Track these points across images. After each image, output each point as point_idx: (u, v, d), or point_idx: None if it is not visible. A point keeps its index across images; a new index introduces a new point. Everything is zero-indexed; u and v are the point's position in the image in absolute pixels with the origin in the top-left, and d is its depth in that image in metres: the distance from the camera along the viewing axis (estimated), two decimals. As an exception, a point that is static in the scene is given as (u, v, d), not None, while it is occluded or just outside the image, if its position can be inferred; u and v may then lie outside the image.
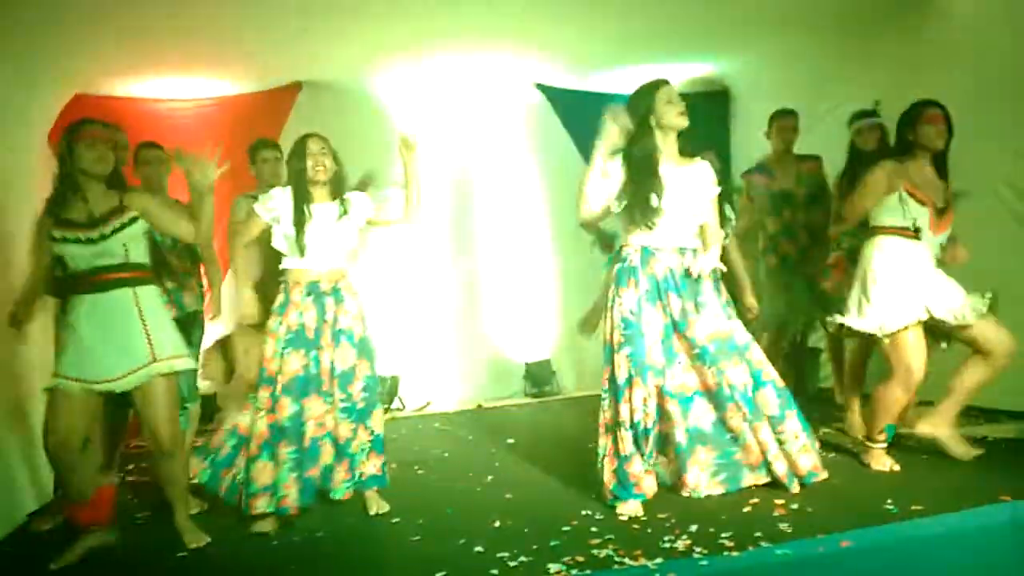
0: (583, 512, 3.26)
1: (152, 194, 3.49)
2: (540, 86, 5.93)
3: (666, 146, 3.38)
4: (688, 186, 3.38)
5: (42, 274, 3.26)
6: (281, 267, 3.42)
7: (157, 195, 3.65)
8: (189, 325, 3.83)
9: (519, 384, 6.07)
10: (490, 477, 3.91)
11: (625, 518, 3.18)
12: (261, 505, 3.26)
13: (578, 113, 5.67)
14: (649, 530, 3.04)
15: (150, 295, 3.17)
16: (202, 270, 4.12)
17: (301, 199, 3.37)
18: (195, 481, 3.40)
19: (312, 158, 3.39)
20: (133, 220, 3.13)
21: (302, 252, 3.35)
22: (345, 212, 3.41)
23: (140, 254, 3.17)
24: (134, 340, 3.09)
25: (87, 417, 3.08)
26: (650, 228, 3.32)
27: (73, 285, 3.11)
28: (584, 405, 5.46)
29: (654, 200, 3.29)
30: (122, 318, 3.09)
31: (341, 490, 3.38)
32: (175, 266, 3.87)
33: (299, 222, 3.34)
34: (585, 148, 5.81)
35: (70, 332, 3.08)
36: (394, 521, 3.36)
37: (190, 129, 5.27)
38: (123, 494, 3.97)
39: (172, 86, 5.27)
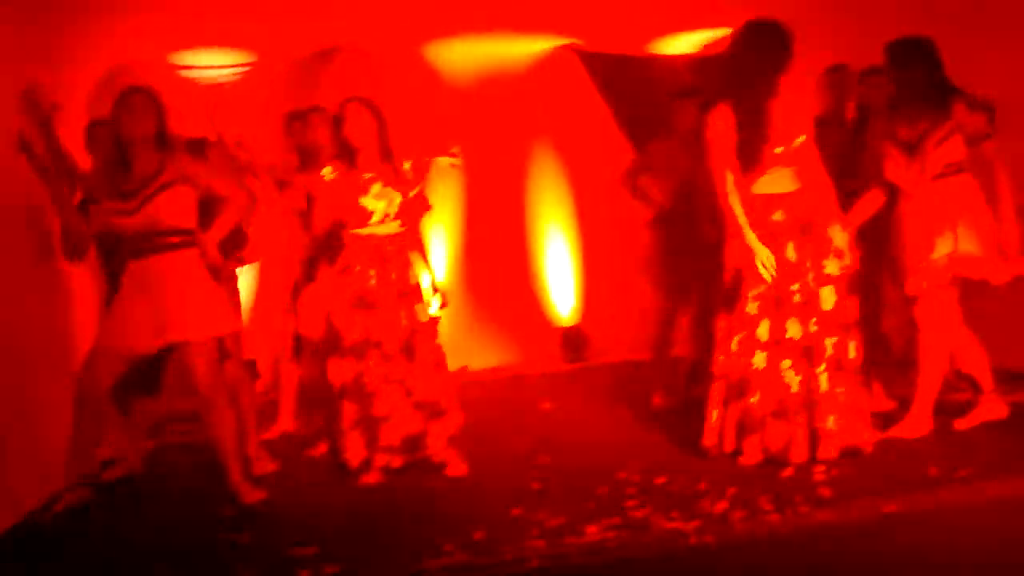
0: (619, 476, 3.27)
1: (199, 157, 3.53)
2: (577, 51, 5.84)
3: None
4: None
5: (75, 226, 3.36)
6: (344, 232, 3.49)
7: (208, 159, 3.68)
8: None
9: (554, 350, 6.06)
10: (526, 441, 3.93)
11: (661, 480, 3.19)
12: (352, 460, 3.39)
13: (616, 79, 5.58)
14: (686, 493, 3.04)
15: (191, 259, 3.22)
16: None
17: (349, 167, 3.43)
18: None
19: (349, 123, 3.40)
20: (170, 184, 3.16)
21: (362, 218, 3.40)
22: (396, 177, 3.44)
23: (181, 218, 3.21)
24: (168, 306, 3.14)
25: (111, 375, 3.20)
26: None
27: (118, 250, 3.22)
28: (619, 372, 5.47)
29: None
30: (161, 284, 3.16)
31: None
32: None
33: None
34: (623, 115, 5.79)
35: (114, 295, 3.19)
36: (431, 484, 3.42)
37: (227, 98, 5.28)
38: (175, 454, 4.09)
39: (208, 56, 5.29)
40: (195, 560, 2.82)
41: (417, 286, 3.51)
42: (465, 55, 5.81)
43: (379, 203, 3.43)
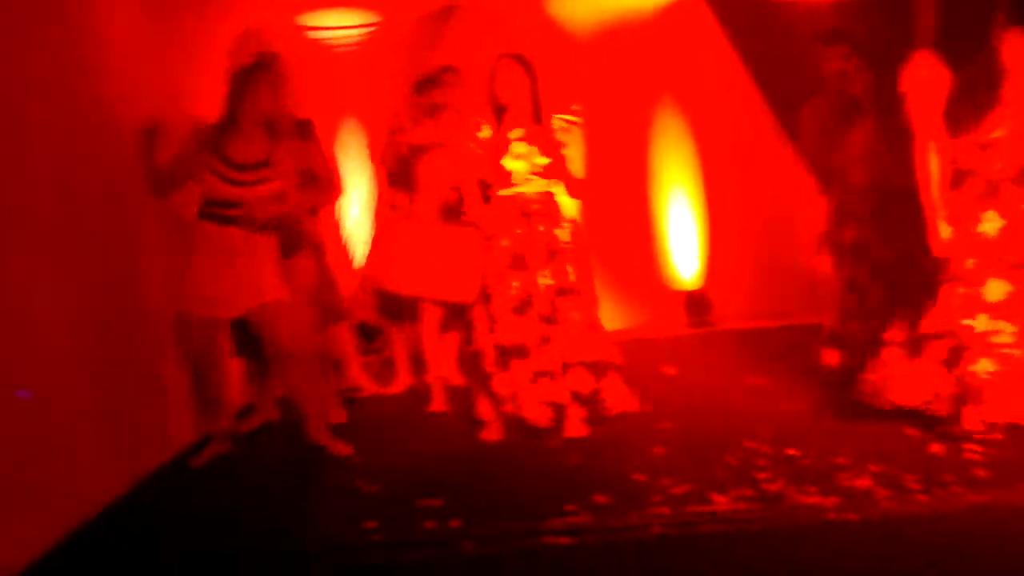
0: (747, 445, 3.12)
1: (298, 156, 3.56)
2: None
3: None
4: None
5: (182, 176, 3.32)
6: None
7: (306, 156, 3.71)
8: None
9: (676, 314, 5.88)
10: (650, 406, 3.82)
11: (793, 452, 3.02)
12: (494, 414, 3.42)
13: (752, 28, 5.26)
14: (821, 467, 2.86)
15: (267, 242, 3.30)
16: None
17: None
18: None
19: (500, 80, 3.36)
20: (278, 175, 3.26)
21: (504, 178, 3.38)
22: (544, 137, 3.38)
23: (269, 205, 3.27)
24: (249, 270, 3.23)
25: (211, 338, 3.31)
26: None
27: (208, 214, 3.26)
28: (744, 338, 5.24)
29: None
30: (241, 252, 3.23)
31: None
32: None
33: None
34: (759, 68, 5.45)
35: (196, 259, 3.25)
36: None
37: (351, 58, 5.35)
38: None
39: (331, 15, 5.35)
40: (323, 507, 2.89)
41: (567, 245, 3.44)
42: (587, 6, 5.63)
43: (518, 163, 3.36)
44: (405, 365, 4.46)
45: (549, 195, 3.43)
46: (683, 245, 5.93)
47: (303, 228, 3.79)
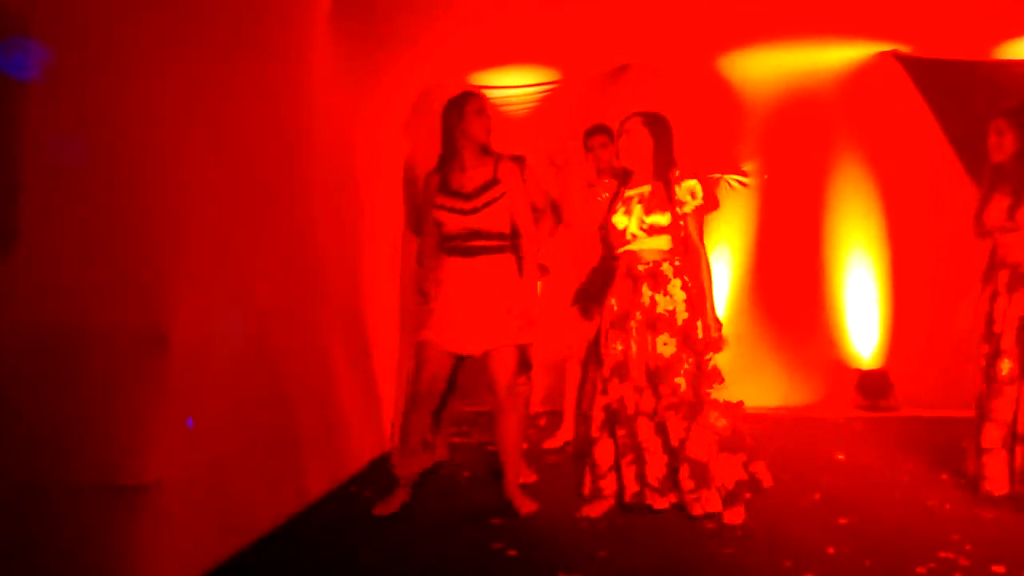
0: (942, 553, 2.72)
1: (520, 173, 3.61)
2: (901, 57, 5.19)
3: None
4: None
5: (433, 232, 3.40)
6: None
7: (525, 179, 3.77)
8: None
9: (848, 394, 5.41)
10: (817, 495, 3.47)
11: (1000, 570, 2.59)
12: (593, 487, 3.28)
13: (943, 85, 4.87)
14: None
15: (508, 264, 3.32)
16: None
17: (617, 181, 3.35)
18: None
19: (623, 140, 3.30)
20: (504, 194, 3.28)
21: (616, 236, 3.28)
22: (661, 196, 3.24)
23: (503, 223, 3.31)
24: (492, 310, 3.23)
25: (445, 371, 3.30)
26: None
27: (446, 248, 3.33)
28: (928, 426, 4.71)
29: None
30: (483, 285, 3.26)
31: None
32: None
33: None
34: (949, 123, 5.02)
35: (444, 291, 3.28)
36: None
37: (528, 116, 5.44)
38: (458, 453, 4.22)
39: (508, 75, 5.48)
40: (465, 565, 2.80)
41: (670, 315, 3.19)
42: (763, 66, 5.44)
43: (626, 219, 3.23)
44: (571, 416, 4.36)
45: (661, 257, 3.23)
46: (861, 318, 5.48)
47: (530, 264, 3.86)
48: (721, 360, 3.31)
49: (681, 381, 3.16)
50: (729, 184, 5.58)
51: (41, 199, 2.28)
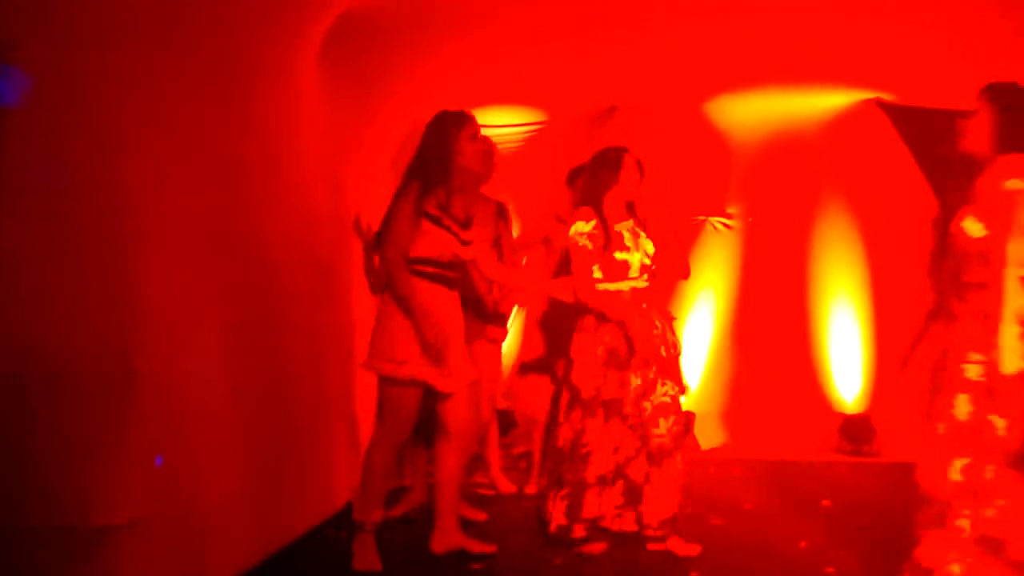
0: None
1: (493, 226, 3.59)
2: (885, 105, 5.27)
3: None
4: None
5: (406, 245, 3.03)
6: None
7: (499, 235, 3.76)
8: None
9: (832, 438, 5.39)
10: (804, 542, 3.42)
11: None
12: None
13: (925, 133, 4.93)
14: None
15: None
16: None
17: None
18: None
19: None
20: (478, 234, 3.19)
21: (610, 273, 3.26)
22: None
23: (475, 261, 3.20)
24: (462, 345, 3.15)
25: (418, 407, 3.08)
26: None
27: (425, 273, 3.03)
28: (910, 472, 4.68)
29: None
30: (457, 320, 3.13)
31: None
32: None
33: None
34: (931, 170, 5.08)
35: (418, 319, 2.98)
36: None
37: (513, 155, 5.45)
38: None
39: (495, 114, 5.49)
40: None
41: (676, 352, 3.27)
42: (749, 111, 5.50)
43: (627, 254, 3.25)
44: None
45: (648, 293, 3.27)
46: (844, 362, 5.48)
47: (500, 308, 3.80)
48: (705, 402, 3.36)
49: (672, 419, 3.22)
50: (714, 226, 5.61)
51: (6, 235, 2.22)
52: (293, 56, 3.50)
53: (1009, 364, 2.35)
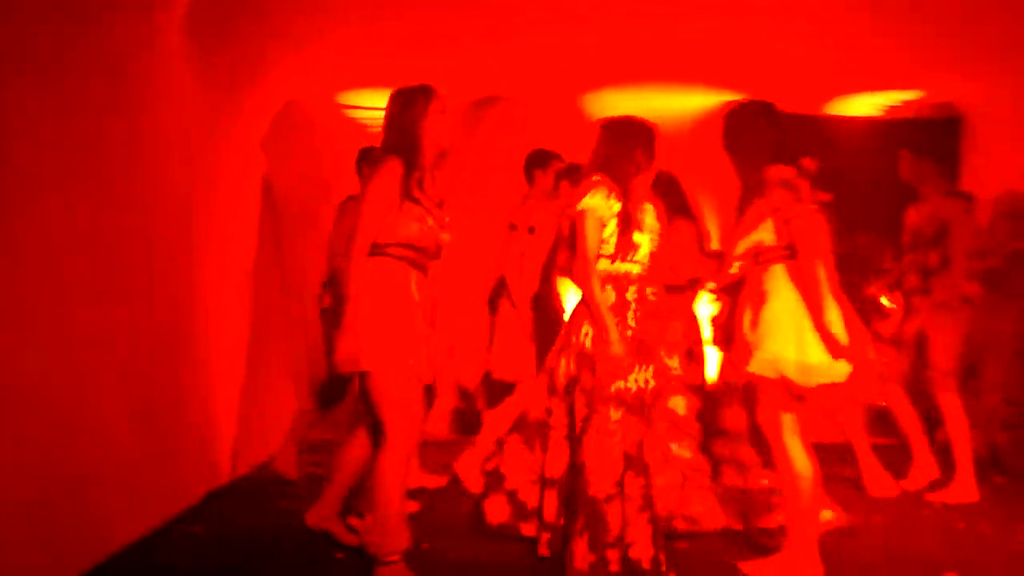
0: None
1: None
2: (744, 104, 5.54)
3: None
4: None
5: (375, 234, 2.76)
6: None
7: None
8: None
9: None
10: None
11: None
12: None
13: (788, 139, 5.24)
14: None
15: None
16: None
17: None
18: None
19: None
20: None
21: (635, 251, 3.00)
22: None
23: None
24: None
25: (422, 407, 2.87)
26: None
27: (405, 258, 2.79)
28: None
29: None
30: (426, 310, 2.85)
31: None
32: None
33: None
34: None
35: (401, 310, 2.75)
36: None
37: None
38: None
39: (376, 96, 5.44)
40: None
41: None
42: (622, 107, 5.65)
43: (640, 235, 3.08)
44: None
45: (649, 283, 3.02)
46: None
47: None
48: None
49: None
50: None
51: None
52: (154, 28, 3.36)
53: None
